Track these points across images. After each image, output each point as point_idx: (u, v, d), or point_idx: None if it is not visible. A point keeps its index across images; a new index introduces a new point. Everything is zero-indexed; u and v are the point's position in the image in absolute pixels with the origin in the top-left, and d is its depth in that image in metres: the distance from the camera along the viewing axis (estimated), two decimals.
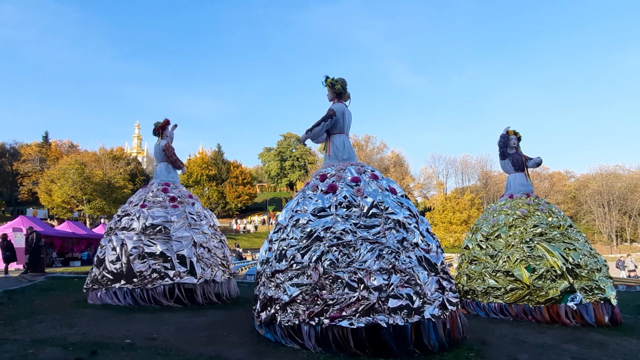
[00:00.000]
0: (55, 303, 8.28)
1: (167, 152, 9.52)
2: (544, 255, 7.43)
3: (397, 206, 5.52)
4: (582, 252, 7.51)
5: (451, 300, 5.17)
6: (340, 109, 6.30)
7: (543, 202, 8.44)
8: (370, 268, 4.80)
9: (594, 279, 7.23)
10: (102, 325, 6.08)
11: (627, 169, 62.93)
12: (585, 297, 7.09)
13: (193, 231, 8.63)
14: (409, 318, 4.65)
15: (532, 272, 7.37)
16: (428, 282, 4.97)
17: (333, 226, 5.17)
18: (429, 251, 5.29)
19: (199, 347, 4.95)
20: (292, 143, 75.85)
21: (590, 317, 7.00)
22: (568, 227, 7.94)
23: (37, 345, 4.75)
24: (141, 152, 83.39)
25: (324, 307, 4.74)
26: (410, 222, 5.41)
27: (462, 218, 51.51)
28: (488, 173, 63.25)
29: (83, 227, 28.96)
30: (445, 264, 5.53)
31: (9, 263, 15.92)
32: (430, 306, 4.83)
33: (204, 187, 58.92)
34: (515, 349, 5.34)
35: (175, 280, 7.99)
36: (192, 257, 8.25)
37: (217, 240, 9.25)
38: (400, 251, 5.01)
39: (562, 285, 7.13)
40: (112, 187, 44.29)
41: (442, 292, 5.07)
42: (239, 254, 30.34)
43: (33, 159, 52.12)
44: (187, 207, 9.03)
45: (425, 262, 5.13)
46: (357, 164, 6.11)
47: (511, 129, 8.95)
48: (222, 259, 9.10)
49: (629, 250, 52.35)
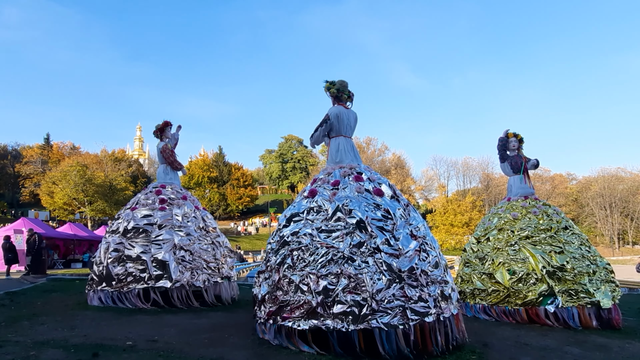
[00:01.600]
0: (57, 305, 8.28)
1: (164, 154, 9.57)
2: (527, 258, 7.50)
3: (368, 209, 5.24)
4: (571, 255, 7.39)
5: (417, 310, 4.68)
6: (334, 113, 6.29)
7: (540, 204, 8.34)
8: (319, 272, 4.89)
9: (581, 282, 7.12)
10: (103, 327, 6.08)
11: (629, 171, 62.83)
12: (569, 301, 7.07)
13: (176, 233, 8.44)
14: (355, 325, 4.60)
15: (512, 274, 7.48)
16: (384, 289, 4.68)
17: (299, 231, 5.33)
18: (398, 256, 4.89)
19: (200, 349, 4.94)
20: (293, 145, 76.01)
21: (573, 320, 6.99)
22: (562, 230, 7.81)
23: (38, 347, 4.75)
24: (143, 154, 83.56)
25: (279, 307, 5.07)
26: (383, 226, 5.10)
27: (463, 220, 51.50)
28: (489, 175, 63.20)
29: (84, 229, 28.98)
30: (435, 269, 5.11)
31: (11, 265, 15.92)
32: (384, 315, 4.60)
33: (205, 189, 59.01)
34: (518, 352, 5.32)
35: (150, 284, 7.97)
36: (168, 260, 8.10)
37: (208, 242, 8.94)
38: (354, 256, 4.89)
39: (540, 289, 7.22)
40: (114, 189, 44.33)
41: (405, 301, 4.69)
42: (240, 255, 30.33)
43: (35, 160, 52.27)
44: (175, 208, 8.84)
45: (386, 268, 4.79)
46: (346, 166, 6.02)
47: (511, 132, 8.93)
48: (212, 261, 8.76)
49: (631, 252, 52.20)
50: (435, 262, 5.18)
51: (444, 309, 4.94)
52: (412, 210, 5.73)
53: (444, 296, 5.01)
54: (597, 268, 7.44)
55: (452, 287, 5.33)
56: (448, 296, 5.09)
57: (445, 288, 5.11)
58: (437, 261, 5.23)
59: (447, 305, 5.01)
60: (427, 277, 4.94)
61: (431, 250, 5.27)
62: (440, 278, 5.11)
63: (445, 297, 5.04)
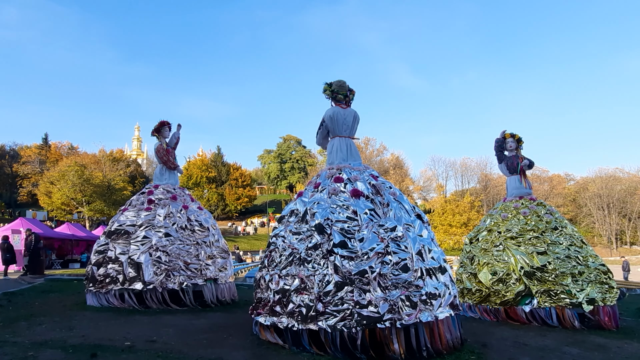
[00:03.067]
0: (55, 305, 8.26)
1: (158, 154, 9.61)
2: (509, 259, 7.65)
3: (334, 210, 5.22)
4: (555, 256, 7.38)
5: (364, 315, 4.56)
6: (328, 115, 6.28)
7: (534, 204, 8.33)
8: (281, 273, 5.21)
9: (562, 283, 7.15)
10: (101, 328, 6.07)
11: (627, 171, 63.00)
12: (547, 301, 7.17)
13: (155, 234, 8.41)
14: (304, 324, 4.78)
15: (493, 275, 7.69)
16: (332, 292, 4.70)
17: (279, 232, 5.64)
18: (353, 258, 4.79)
19: (199, 349, 4.94)
20: (291, 145, 76.05)
21: (552, 320, 7.08)
22: (551, 230, 7.78)
23: (36, 348, 4.74)
24: (141, 154, 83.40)
25: (256, 303, 5.59)
26: (345, 227, 5.03)
27: (461, 220, 51.59)
28: (488, 176, 63.29)
29: (82, 229, 28.90)
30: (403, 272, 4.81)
31: (9, 265, 15.88)
32: (330, 317, 4.64)
33: (204, 189, 58.91)
34: (517, 352, 5.33)
35: (125, 286, 8.04)
36: (143, 262, 8.08)
37: (191, 242, 8.62)
38: (309, 258, 4.98)
39: (517, 289, 7.38)
40: (112, 189, 44.19)
41: (353, 305, 4.61)
42: (239, 256, 30.31)
43: (33, 160, 52.10)
44: (159, 209, 8.80)
45: (334, 271, 4.76)
46: (334, 167, 6.01)
47: (508, 132, 8.96)
48: (193, 262, 8.46)
49: (629, 253, 52.37)
50: (404, 265, 4.82)
51: (408, 315, 4.63)
52: (398, 209, 5.39)
53: (410, 301, 4.69)
54: (586, 269, 7.34)
55: (434, 293, 4.86)
56: (417, 302, 4.71)
57: (415, 293, 4.74)
58: (407, 264, 4.83)
59: (415, 311, 4.67)
60: (386, 280, 4.72)
61: (402, 253, 4.90)
62: (409, 282, 4.77)
63: (413, 302, 4.70)
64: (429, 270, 5.03)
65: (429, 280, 4.96)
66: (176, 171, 9.82)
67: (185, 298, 8.27)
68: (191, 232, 8.80)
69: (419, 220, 5.58)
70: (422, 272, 4.92)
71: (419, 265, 4.95)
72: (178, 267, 8.30)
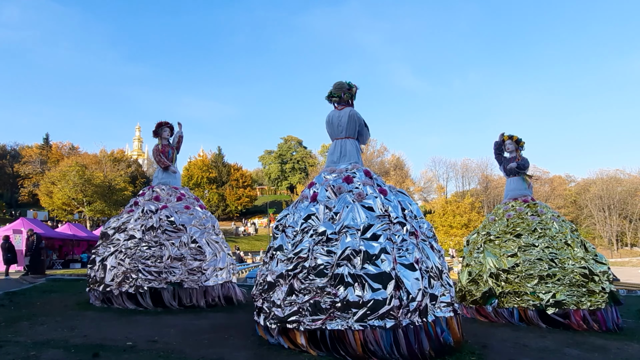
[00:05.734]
0: (56, 305, 8.29)
1: (153, 154, 9.73)
2: (484, 260, 7.99)
3: (296, 214, 5.61)
4: (525, 258, 7.49)
5: (277, 315, 4.91)
6: (326, 120, 6.46)
7: (523, 206, 8.33)
8: None
9: (527, 284, 7.33)
10: (103, 328, 6.09)
11: (628, 173, 62.89)
12: (511, 302, 7.48)
13: (124, 236, 8.51)
14: (257, 317, 5.55)
15: (469, 275, 8.17)
16: (266, 290, 5.34)
17: None
18: (284, 261, 5.16)
19: (200, 349, 4.96)
20: (292, 146, 76.01)
21: (514, 319, 7.39)
22: (530, 232, 7.81)
23: (38, 347, 4.76)
24: (142, 155, 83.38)
25: None
26: (286, 231, 5.52)
27: (462, 222, 51.50)
28: (488, 177, 63.19)
29: (83, 229, 28.93)
30: (318, 277, 4.84)
31: (10, 265, 15.90)
32: (262, 314, 5.37)
33: (205, 189, 58.89)
34: (517, 353, 5.34)
35: (97, 288, 8.40)
36: (108, 264, 8.38)
37: (155, 245, 8.32)
38: (265, 259, 5.69)
39: (484, 289, 7.81)
40: (113, 189, 44.19)
41: (272, 305, 5.15)
42: (239, 256, 30.34)
43: (34, 160, 52.12)
44: (137, 210, 8.85)
45: (271, 273, 5.33)
46: (324, 171, 6.18)
47: (506, 135, 8.97)
48: (153, 265, 8.18)
49: (630, 254, 52.31)
50: (320, 270, 4.78)
51: (314, 320, 4.69)
52: (356, 212, 5.10)
53: (319, 308, 4.69)
54: (560, 271, 7.30)
55: (354, 301, 4.54)
56: (327, 309, 4.65)
57: (327, 299, 4.66)
58: (324, 270, 4.77)
59: (323, 317, 4.66)
60: (301, 284, 4.88)
61: (323, 257, 4.84)
62: (321, 288, 4.71)
63: (321, 308, 4.67)
64: (357, 277, 4.64)
65: (353, 288, 4.61)
66: (169, 170, 9.65)
67: (143, 300, 8.04)
68: (162, 232, 8.50)
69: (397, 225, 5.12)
70: (343, 278, 4.65)
71: (344, 271, 4.69)
72: (136, 270, 8.18)
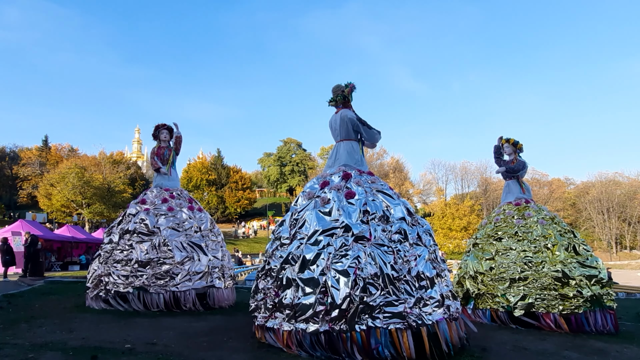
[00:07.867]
0: (55, 307, 8.26)
1: (149, 157, 9.75)
2: (468, 263, 8.32)
3: (286, 218, 5.84)
4: (501, 261, 7.75)
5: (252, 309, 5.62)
6: (328, 125, 6.48)
7: (513, 209, 8.39)
8: None
9: (498, 287, 7.64)
10: (102, 330, 6.07)
11: (627, 176, 63.05)
12: (484, 303, 7.86)
13: (108, 239, 8.69)
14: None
15: (455, 277, 8.59)
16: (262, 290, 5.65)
17: None
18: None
19: (199, 352, 4.94)
20: (292, 148, 75.99)
21: (487, 319, 7.76)
22: (511, 235, 7.96)
23: (37, 350, 4.73)
24: (141, 157, 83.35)
25: None
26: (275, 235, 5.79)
27: (461, 224, 51.50)
28: (487, 179, 63.21)
29: (82, 231, 28.89)
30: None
31: (9, 267, 15.86)
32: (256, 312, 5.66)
33: (204, 191, 58.85)
34: (516, 356, 5.34)
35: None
36: (90, 268, 8.75)
37: (126, 247, 8.27)
38: (270, 257, 5.76)
39: (463, 291, 8.23)
40: (112, 191, 44.17)
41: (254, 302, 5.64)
42: (239, 259, 30.31)
43: (33, 162, 52.06)
44: (122, 214, 9.14)
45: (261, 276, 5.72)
46: (320, 175, 6.22)
47: (504, 138, 9.00)
48: (117, 270, 8.13)
49: (629, 257, 52.34)
50: (270, 273, 5.42)
51: (264, 317, 5.29)
52: (313, 216, 5.26)
53: (267, 306, 5.28)
54: (533, 275, 7.36)
55: (288, 303, 4.88)
56: (271, 307, 5.16)
57: (269, 299, 5.24)
58: (272, 272, 5.38)
59: (267, 315, 5.24)
60: (264, 283, 5.51)
61: (275, 260, 5.45)
62: (268, 289, 5.37)
63: (268, 307, 5.24)
64: (292, 281, 4.95)
65: (290, 291, 4.92)
66: (161, 172, 9.39)
67: (115, 300, 8.07)
68: (136, 236, 8.37)
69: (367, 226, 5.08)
70: (283, 281, 5.06)
71: (285, 275, 5.06)
72: (107, 274, 8.28)
